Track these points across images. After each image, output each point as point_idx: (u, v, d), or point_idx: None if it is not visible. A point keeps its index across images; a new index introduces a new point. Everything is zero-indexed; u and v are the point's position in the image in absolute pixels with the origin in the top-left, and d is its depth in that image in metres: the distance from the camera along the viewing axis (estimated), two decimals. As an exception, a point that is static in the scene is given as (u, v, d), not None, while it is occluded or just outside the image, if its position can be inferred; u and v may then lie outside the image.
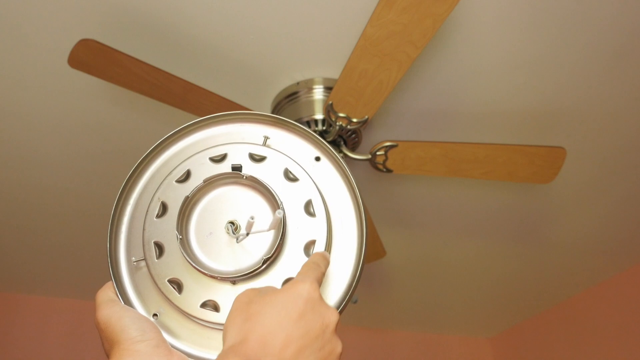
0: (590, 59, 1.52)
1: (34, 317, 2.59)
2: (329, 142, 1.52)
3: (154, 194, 0.64)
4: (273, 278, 0.62)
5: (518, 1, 1.34)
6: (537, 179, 1.58)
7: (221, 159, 0.66)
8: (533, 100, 1.65)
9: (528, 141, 1.78)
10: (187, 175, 0.65)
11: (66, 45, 1.37)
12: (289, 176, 0.66)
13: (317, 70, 1.51)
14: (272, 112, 1.60)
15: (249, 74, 1.52)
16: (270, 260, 0.61)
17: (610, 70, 1.56)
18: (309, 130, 0.70)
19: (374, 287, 2.74)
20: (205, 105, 1.38)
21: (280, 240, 0.62)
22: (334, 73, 1.51)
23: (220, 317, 0.60)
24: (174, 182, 0.65)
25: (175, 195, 0.63)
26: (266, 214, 0.64)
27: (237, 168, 0.65)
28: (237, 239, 0.63)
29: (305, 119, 1.51)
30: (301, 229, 0.64)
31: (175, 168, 0.66)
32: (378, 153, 1.53)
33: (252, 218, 0.61)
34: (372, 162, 1.56)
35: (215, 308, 0.60)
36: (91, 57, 1.22)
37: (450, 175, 1.58)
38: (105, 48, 1.21)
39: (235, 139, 0.70)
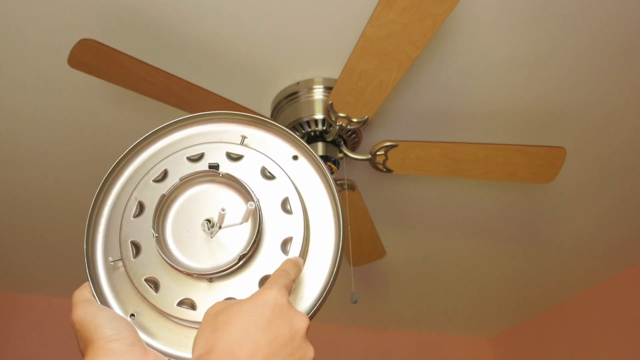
0: (590, 59, 1.52)
1: (34, 317, 2.59)
2: (328, 142, 1.53)
3: (131, 194, 0.65)
4: (250, 276, 0.62)
5: (518, 1, 1.34)
6: (537, 179, 1.58)
7: (198, 158, 0.67)
8: (533, 100, 1.65)
9: (528, 141, 1.78)
10: (164, 175, 0.65)
11: (66, 45, 1.37)
12: (266, 174, 0.66)
13: (317, 70, 1.51)
14: (272, 112, 1.60)
15: (249, 74, 1.52)
16: (246, 257, 0.61)
17: (610, 70, 1.56)
18: (286, 129, 0.71)
19: (373, 287, 2.74)
20: (205, 105, 1.38)
21: (256, 236, 0.61)
22: (334, 73, 1.51)
23: (197, 315, 0.60)
24: (151, 181, 0.65)
25: (153, 195, 0.64)
26: (242, 210, 0.64)
27: (214, 167, 0.65)
28: (211, 234, 0.63)
29: (305, 119, 1.51)
30: (278, 227, 0.64)
31: (152, 168, 0.66)
32: (378, 153, 1.53)
33: (223, 210, 0.61)
34: (372, 162, 1.56)
35: (192, 306, 0.60)
36: (91, 57, 1.22)
37: (450, 175, 1.58)
38: (105, 48, 1.21)
39: (213, 138, 0.70)
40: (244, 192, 0.64)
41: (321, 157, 1.50)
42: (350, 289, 2.68)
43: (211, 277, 0.61)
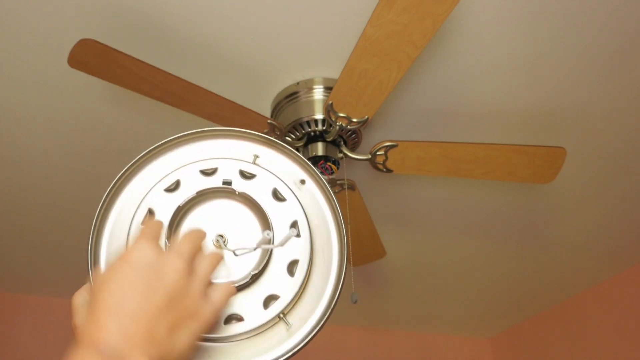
0: (590, 59, 1.52)
1: (34, 317, 2.59)
2: (328, 142, 1.53)
3: (141, 201, 0.65)
4: (255, 294, 0.63)
5: (518, 1, 1.34)
6: (537, 179, 1.58)
7: (212, 172, 0.67)
8: (533, 100, 1.65)
9: (528, 141, 1.78)
10: (176, 185, 0.66)
11: (66, 45, 1.37)
12: (277, 196, 0.68)
13: (317, 70, 1.51)
14: (272, 112, 1.60)
15: (249, 74, 1.52)
16: (257, 276, 0.63)
17: (610, 70, 1.56)
18: (297, 152, 0.72)
19: (374, 287, 2.74)
20: (205, 105, 1.38)
21: (268, 257, 0.63)
22: (334, 73, 1.51)
23: None
24: (162, 190, 0.65)
25: (163, 204, 0.64)
26: (253, 230, 0.65)
27: (227, 183, 0.66)
28: (221, 250, 0.63)
29: (305, 119, 1.51)
30: (286, 248, 0.65)
31: (164, 177, 0.66)
32: (378, 153, 1.53)
33: (268, 234, 0.62)
34: (372, 162, 1.56)
35: None
36: (91, 57, 1.22)
37: (450, 175, 1.58)
38: (105, 48, 1.21)
39: (225, 154, 0.71)
40: (257, 213, 0.65)
41: (321, 157, 1.51)
42: (350, 289, 2.68)
43: None
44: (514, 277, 2.70)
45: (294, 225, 0.66)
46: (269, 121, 1.45)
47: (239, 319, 0.63)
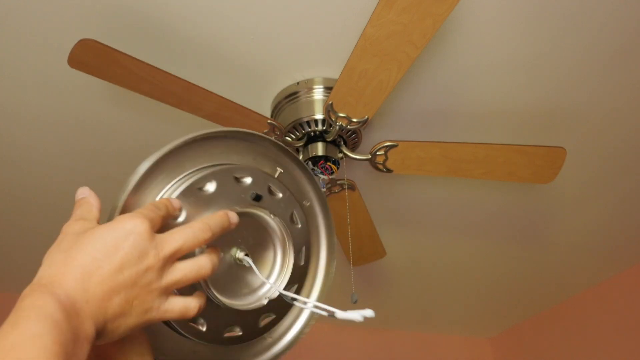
0: (590, 59, 1.52)
1: (34, 317, 2.59)
2: (329, 142, 1.53)
3: (169, 195, 0.60)
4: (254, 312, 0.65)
5: (518, 1, 1.34)
6: (537, 179, 1.58)
7: (244, 180, 0.65)
8: (533, 100, 1.65)
9: (528, 141, 1.78)
10: (210, 186, 0.62)
11: (66, 45, 1.37)
12: (293, 220, 0.68)
13: (317, 70, 1.51)
14: (272, 112, 1.60)
15: (249, 74, 1.52)
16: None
17: (610, 70, 1.56)
18: (308, 169, 0.72)
19: (374, 287, 2.74)
20: (205, 105, 1.38)
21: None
22: (334, 73, 1.51)
23: (204, 335, 0.61)
24: (196, 188, 0.60)
25: (195, 202, 0.60)
26: (266, 249, 0.66)
27: (258, 197, 0.65)
28: (237, 265, 0.63)
29: (305, 119, 1.51)
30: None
31: (196, 174, 0.61)
32: (378, 153, 1.53)
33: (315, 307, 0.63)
34: (372, 162, 1.56)
35: (201, 324, 0.61)
36: (91, 57, 1.22)
37: (450, 175, 1.58)
38: (105, 48, 1.21)
39: (251, 161, 0.69)
40: (279, 240, 0.66)
41: (321, 157, 1.51)
42: (350, 289, 2.68)
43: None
44: (514, 277, 2.70)
45: (301, 251, 0.67)
46: (269, 121, 1.45)
47: (237, 331, 0.64)
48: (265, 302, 0.63)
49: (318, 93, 1.53)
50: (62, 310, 0.42)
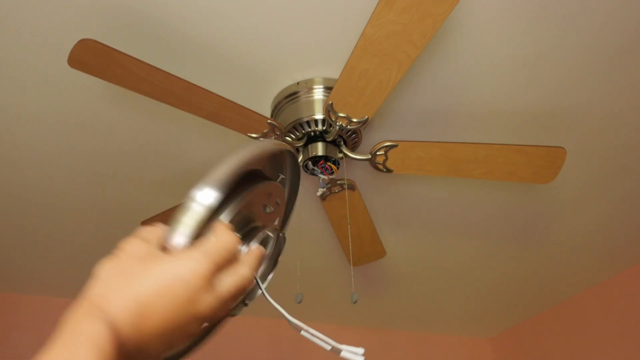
0: (590, 59, 1.52)
1: (34, 317, 2.59)
2: (328, 142, 1.53)
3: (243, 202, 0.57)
4: None
5: (518, 1, 1.34)
6: (537, 179, 1.58)
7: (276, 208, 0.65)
8: (533, 100, 1.65)
9: (528, 141, 1.78)
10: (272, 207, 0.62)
11: (66, 45, 1.37)
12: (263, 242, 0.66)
13: (317, 70, 1.51)
14: (272, 112, 1.60)
15: (249, 74, 1.52)
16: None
17: (610, 70, 1.56)
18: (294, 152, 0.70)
19: (374, 287, 2.74)
20: (205, 105, 1.38)
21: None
22: (334, 73, 1.51)
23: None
24: (263, 209, 0.60)
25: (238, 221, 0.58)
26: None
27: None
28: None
29: (305, 119, 1.51)
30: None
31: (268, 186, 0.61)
32: (378, 153, 1.53)
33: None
34: (372, 162, 1.56)
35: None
36: (91, 57, 1.22)
37: (450, 175, 1.58)
38: (105, 48, 1.21)
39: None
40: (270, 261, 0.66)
41: (321, 157, 1.51)
42: (350, 289, 2.68)
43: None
44: (514, 277, 2.70)
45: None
46: (269, 121, 1.45)
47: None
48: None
49: (318, 93, 1.53)
50: (112, 343, 0.43)
